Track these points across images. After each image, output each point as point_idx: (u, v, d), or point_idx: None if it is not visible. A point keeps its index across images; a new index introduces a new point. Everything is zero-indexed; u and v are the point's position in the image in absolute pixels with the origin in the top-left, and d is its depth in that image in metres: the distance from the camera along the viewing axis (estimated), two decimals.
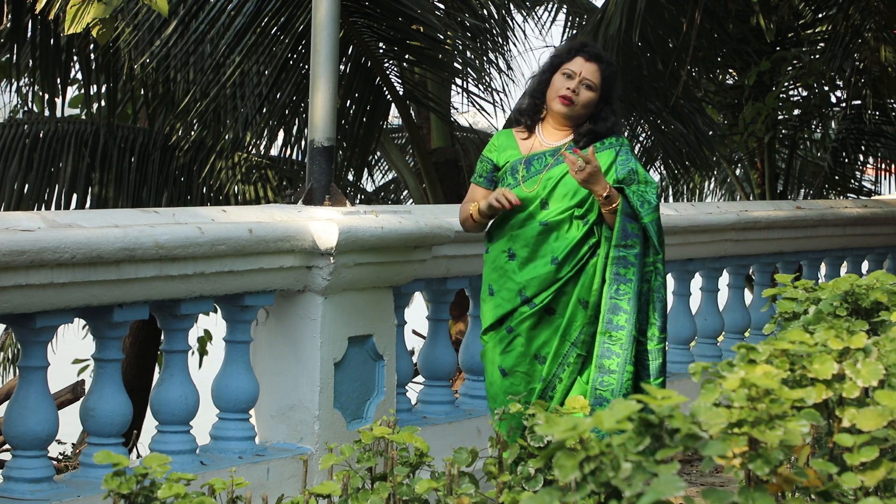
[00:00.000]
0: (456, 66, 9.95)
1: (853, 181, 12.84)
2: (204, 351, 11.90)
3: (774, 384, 2.34)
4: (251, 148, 10.22)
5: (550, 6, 12.78)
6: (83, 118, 10.90)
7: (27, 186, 10.03)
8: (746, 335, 8.09)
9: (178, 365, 5.07)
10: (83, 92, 10.30)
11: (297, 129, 9.37)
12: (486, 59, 9.73)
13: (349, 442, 3.94)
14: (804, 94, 11.88)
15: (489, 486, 3.54)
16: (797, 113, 12.12)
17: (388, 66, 9.34)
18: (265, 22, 8.57)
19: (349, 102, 9.27)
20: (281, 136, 9.54)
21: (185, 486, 3.05)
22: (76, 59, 9.80)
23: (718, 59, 11.60)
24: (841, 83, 11.99)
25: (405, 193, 13.76)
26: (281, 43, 8.65)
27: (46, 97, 10.22)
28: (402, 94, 9.48)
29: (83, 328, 10.60)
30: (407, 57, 9.40)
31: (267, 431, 5.34)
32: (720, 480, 6.29)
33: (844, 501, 2.55)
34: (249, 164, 10.23)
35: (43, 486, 4.53)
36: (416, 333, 11.68)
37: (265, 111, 8.91)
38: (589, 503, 2.19)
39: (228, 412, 5.22)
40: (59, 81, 9.64)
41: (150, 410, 5.15)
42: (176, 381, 5.04)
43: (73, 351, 11.29)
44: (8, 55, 9.87)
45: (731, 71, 12.34)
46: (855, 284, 3.76)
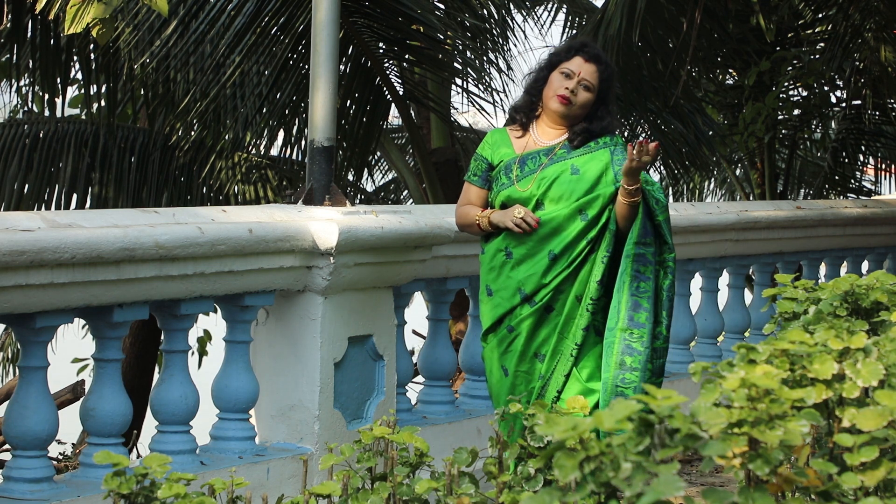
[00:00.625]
0: (456, 66, 9.95)
1: (853, 181, 12.85)
2: (204, 351, 11.89)
3: (774, 384, 2.34)
4: (251, 148, 10.23)
5: (550, 6, 12.79)
6: (83, 118, 10.90)
7: (27, 186, 10.03)
8: (746, 335, 8.09)
9: (178, 365, 5.07)
10: (83, 92, 10.30)
11: (297, 129, 9.38)
12: (486, 59, 9.73)
13: (349, 442, 3.94)
14: (804, 94, 11.88)
15: (489, 486, 3.54)
16: (797, 113, 12.12)
17: (388, 66, 9.34)
18: (265, 22, 8.57)
19: (349, 102, 9.27)
20: (281, 136, 9.55)
21: (185, 486, 3.05)
22: (76, 59, 9.80)
23: (718, 59, 11.60)
24: (841, 83, 11.99)
25: (405, 193, 13.76)
26: (281, 43, 8.66)
27: (46, 97, 10.22)
28: (402, 94, 9.48)
29: (83, 328, 10.60)
30: (407, 57, 9.41)
31: (267, 431, 5.34)
32: (720, 480, 6.29)
33: (844, 501, 2.55)
34: (249, 164, 10.23)
35: (43, 486, 4.53)
36: (416, 333, 11.68)
37: (265, 111, 8.91)
38: (589, 503, 2.19)
39: (228, 412, 5.22)
40: (59, 81, 9.64)
41: (150, 410, 5.15)
42: (176, 381, 5.04)
43: (73, 351, 11.28)
44: (8, 55, 9.87)
45: (731, 71, 12.34)
46: (855, 284, 3.76)
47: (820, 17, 11.45)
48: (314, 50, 5.49)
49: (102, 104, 10.09)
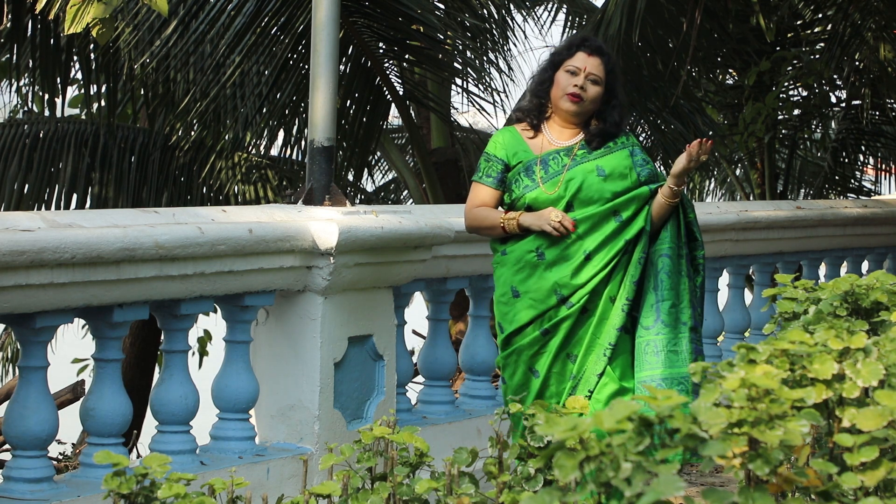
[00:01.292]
0: (456, 66, 9.95)
1: (853, 181, 12.85)
2: (204, 351, 11.90)
3: (774, 384, 2.34)
4: (251, 148, 10.23)
5: (550, 6, 12.79)
6: (83, 118, 10.91)
7: (27, 186, 10.03)
8: (746, 335, 8.08)
9: (178, 365, 5.07)
10: (83, 92, 10.30)
11: (297, 129, 9.38)
12: (486, 59, 9.73)
13: (349, 442, 3.94)
14: (804, 94, 11.88)
15: (489, 486, 3.54)
16: (797, 113, 12.12)
17: (388, 66, 9.34)
18: (265, 22, 8.57)
19: (349, 102, 9.28)
20: (281, 136, 9.55)
21: (185, 486, 3.05)
22: (76, 59, 9.81)
23: (718, 59, 11.60)
24: (841, 83, 11.99)
25: (405, 193, 13.76)
26: (281, 43, 8.66)
27: (46, 97, 10.23)
28: (402, 94, 9.48)
29: (83, 328, 10.60)
30: (407, 57, 9.41)
31: (267, 431, 5.34)
32: (720, 480, 6.29)
33: (844, 501, 2.55)
34: (249, 164, 10.24)
35: (43, 486, 4.53)
36: (416, 333, 11.68)
37: (265, 111, 8.92)
38: (589, 503, 2.19)
39: (228, 412, 5.22)
40: (59, 81, 9.65)
41: (150, 410, 5.15)
42: (176, 381, 5.04)
43: (73, 351, 11.29)
44: (8, 55, 9.87)
45: (731, 71, 12.34)
46: (855, 284, 3.76)
47: (820, 17, 11.45)
48: (314, 50, 5.49)
49: (102, 104, 10.09)
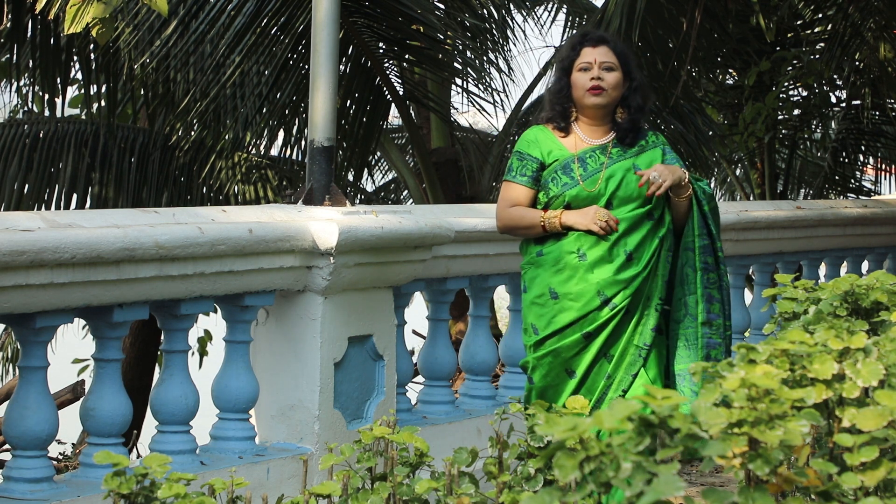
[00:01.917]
0: (456, 66, 9.95)
1: (853, 181, 12.85)
2: (204, 351, 11.90)
3: (774, 384, 2.34)
4: (251, 148, 10.23)
5: (550, 6, 12.78)
6: (83, 118, 10.90)
7: (27, 186, 10.03)
8: (746, 335, 8.08)
9: (178, 365, 5.07)
10: (83, 92, 10.30)
11: (297, 129, 9.38)
12: (486, 59, 9.73)
13: (349, 442, 3.94)
14: (804, 94, 11.88)
15: (489, 486, 3.54)
16: (797, 113, 12.13)
17: (388, 66, 9.34)
18: (265, 22, 8.58)
19: (349, 102, 9.28)
20: (281, 136, 9.56)
21: (185, 486, 3.05)
22: (76, 59, 9.81)
23: (718, 59, 11.60)
24: (841, 83, 11.99)
25: (405, 193, 13.76)
26: (281, 43, 8.66)
27: (46, 97, 10.23)
28: (402, 94, 9.48)
29: (83, 328, 10.60)
30: (407, 57, 9.41)
31: (267, 431, 5.34)
32: (720, 480, 6.29)
33: (844, 501, 2.55)
34: (249, 164, 10.24)
35: (43, 486, 4.53)
36: (416, 333, 11.68)
37: (265, 111, 8.92)
38: (589, 503, 2.19)
39: (228, 412, 5.22)
40: (59, 81, 9.65)
41: (150, 410, 5.15)
42: (176, 381, 5.04)
43: (73, 351, 11.28)
44: (8, 55, 9.87)
45: (731, 71, 12.34)
46: (855, 284, 3.76)
47: (819, 16, 11.45)
48: (314, 50, 5.49)
49: (102, 104, 10.10)
